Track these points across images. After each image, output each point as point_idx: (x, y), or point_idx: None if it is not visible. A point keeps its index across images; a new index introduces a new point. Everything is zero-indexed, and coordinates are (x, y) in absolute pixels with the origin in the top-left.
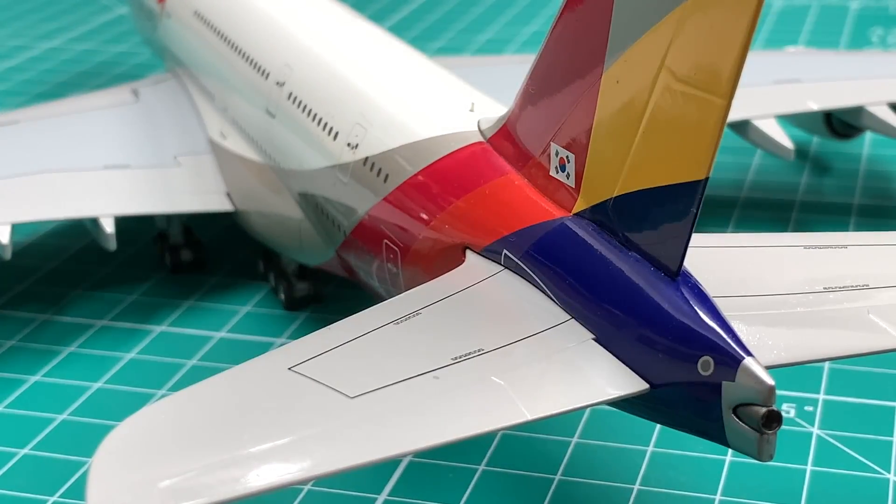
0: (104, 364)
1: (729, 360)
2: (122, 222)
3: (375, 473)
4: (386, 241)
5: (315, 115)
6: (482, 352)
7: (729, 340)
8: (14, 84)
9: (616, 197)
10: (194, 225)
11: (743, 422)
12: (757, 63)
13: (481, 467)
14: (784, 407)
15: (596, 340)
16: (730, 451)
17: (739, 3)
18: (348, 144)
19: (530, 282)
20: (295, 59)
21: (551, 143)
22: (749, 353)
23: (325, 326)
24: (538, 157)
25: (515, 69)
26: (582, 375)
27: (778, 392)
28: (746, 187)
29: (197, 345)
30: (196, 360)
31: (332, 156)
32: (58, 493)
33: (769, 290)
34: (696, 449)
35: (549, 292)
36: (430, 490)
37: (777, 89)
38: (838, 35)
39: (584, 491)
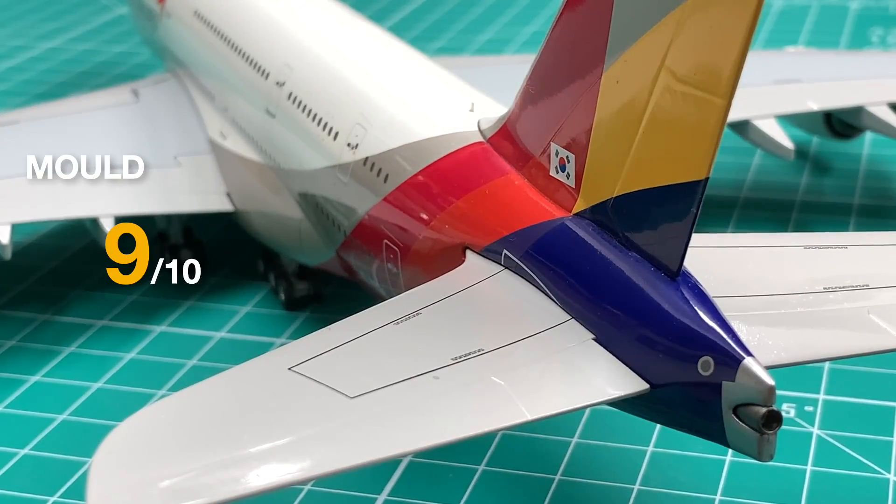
0: (104, 364)
1: (729, 360)
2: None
3: (375, 473)
4: (386, 241)
5: (315, 115)
6: (482, 352)
7: (729, 340)
8: (14, 84)
9: (616, 197)
10: (194, 225)
11: (743, 422)
12: (757, 63)
13: (481, 467)
14: (784, 407)
15: (596, 340)
16: (730, 451)
17: (739, 4)
18: (348, 144)
19: (530, 282)
20: (295, 59)
21: (551, 143)
22: (749, 353)
23: (325, 326)
24: (538, 157)
25: (515, 69)
26: (582, 375)
27: (778, 392)
28: (746, 187)
29: (197, 345)
30: (196, 360)
31: (333, 156)
32: (58, 494)
33: (769, 290)
34: (696, 449)
35: (549, 292)
36: (430, 490)
37: (777, 89)
38: (838, 35)
39: (584, 491)
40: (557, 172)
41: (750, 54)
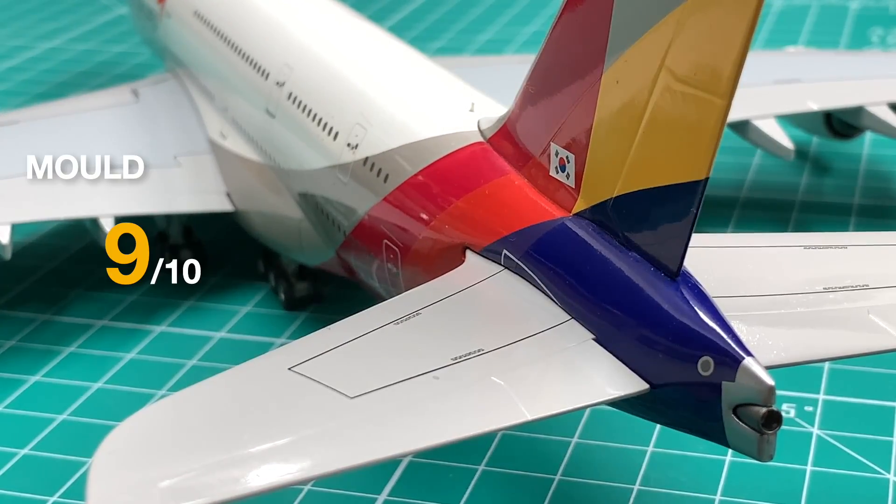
0: (104, 364)
1: (729, 360)
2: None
3: (375, 473)
4: (386, 241)
5: (315, 115)
6: (482, 352)
7: (729, 340)
8: (14, 84)
9: (616, 197)
10: (194, 225)
11: (743, 422)
12: (757, 63)
13: (481, 467)
14: (784, 407)
15: (596, 340)
16: (730, 451)
17: (739, 4)
18: (348, 144)
19: (530, 282)
20: (295, 59)
21: (551, 144)
22: (749, 354)
23: (325, 326)
24: (538, 158)
25: (515, 69)
26: (582, 375)
27: (778, 392)
28: (746, 187)
29: (197, 345)
30: (196, 360)
31: (332, 156)
32: (58, 494)
33: (769, 291)
34: (696, 449)
35: (548, 292)
36: (430, 490)
37: (777, 89)
38: (838, 35)
39: (584, 491)
40: (557, 172)
41: (750, 54)
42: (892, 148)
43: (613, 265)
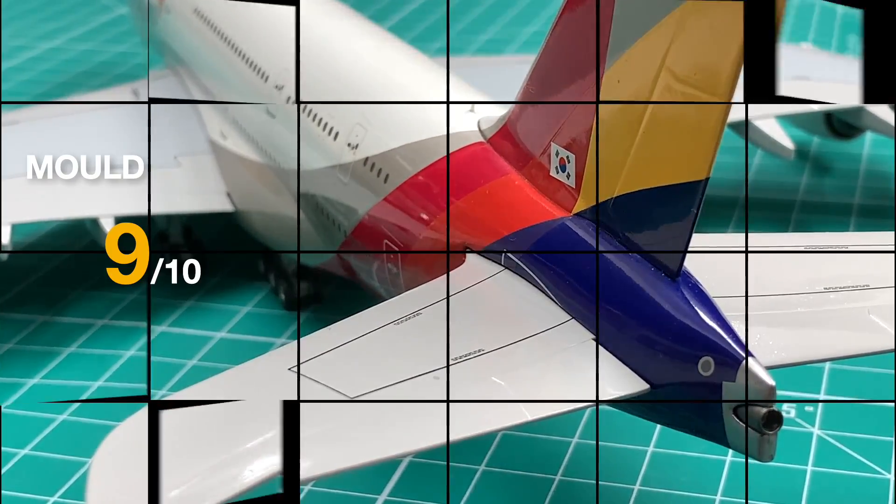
0: (104, 364)
1: (729, 360)
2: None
3: (375, 473)
4: (386, 241)
5: (315, 115)
6: (482, 352)
7: (729, 341)
8: (14, 84)
9: (616, 197)
10: (194, 225)
11: (743, 422)
12: None
13: (481, 467)
14: (784, 407)
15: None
16: (730, 451)
17: (740, 4)
18: (348, 144)
19: (530, 282)
20: (294, 60)
21: (551, 144)
22: (749, 354)
23: (325, 326)
24: (538, 158)
25: (516, 69)
26: (582, 375)
27: (778, 392)
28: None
29: (197, 345)
30: (196, 360)
31: (333, 156)
32: (58, 494)
33: (769, 291)
34: (696, 449)
35: (549, 292)
36: (431, 490)
37: (778, 89)
38: (840, 35)
39: (584, 491)
40: (558, 172)
41: None
42: (892, 148)
43: (614, 265)
